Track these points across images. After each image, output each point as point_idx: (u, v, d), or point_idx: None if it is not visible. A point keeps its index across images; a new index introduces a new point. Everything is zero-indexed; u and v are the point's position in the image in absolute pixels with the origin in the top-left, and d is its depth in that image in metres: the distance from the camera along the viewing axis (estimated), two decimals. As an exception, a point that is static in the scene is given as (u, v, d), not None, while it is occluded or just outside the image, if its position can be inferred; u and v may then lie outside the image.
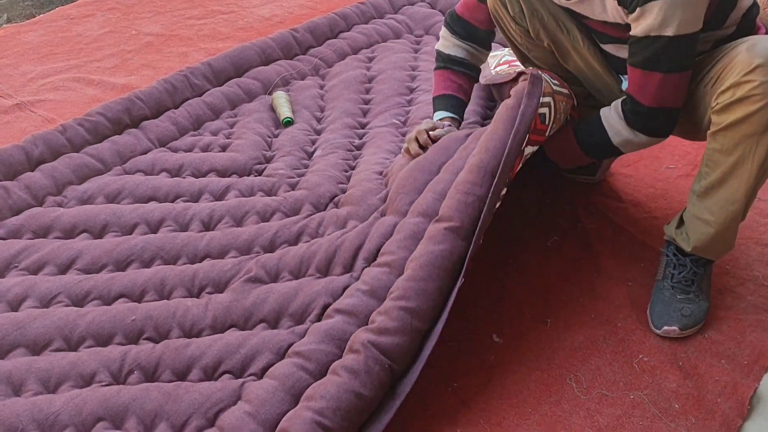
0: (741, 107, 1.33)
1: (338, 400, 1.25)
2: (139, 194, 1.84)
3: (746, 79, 1.31)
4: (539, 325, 1.54)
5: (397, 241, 1.50)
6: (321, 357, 1.34)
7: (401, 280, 1.40)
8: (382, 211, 1.63)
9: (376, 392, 1.29)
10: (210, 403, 1.31)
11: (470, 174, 1.47)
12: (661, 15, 1.32)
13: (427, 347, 1.35)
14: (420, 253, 1.42)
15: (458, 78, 1.76)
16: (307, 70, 2.40)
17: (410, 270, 1.40)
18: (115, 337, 1.46)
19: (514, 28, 1.62)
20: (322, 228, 1.66)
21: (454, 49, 1.76)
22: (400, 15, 2.73)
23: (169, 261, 1.64)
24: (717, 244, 1.49)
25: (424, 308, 1.36)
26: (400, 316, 1.34)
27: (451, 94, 1.75)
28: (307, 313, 1.45)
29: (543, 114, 1.51)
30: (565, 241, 1.74)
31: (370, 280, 1.45)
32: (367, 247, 1.54)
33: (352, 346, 1.33)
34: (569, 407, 1.37)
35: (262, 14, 2.91)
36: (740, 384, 1.40)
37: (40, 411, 1.30)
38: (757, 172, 1.37)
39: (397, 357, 1.32)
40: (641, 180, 1.93)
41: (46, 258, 1.65)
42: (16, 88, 2.41)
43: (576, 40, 1.57)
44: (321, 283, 1.49)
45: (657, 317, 1.51)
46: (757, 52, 1.31)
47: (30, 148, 1.94)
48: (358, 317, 1.40)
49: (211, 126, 2.14)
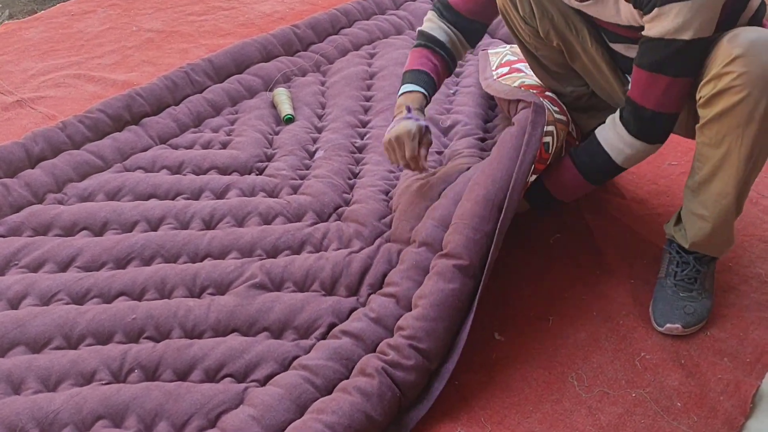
0: (723, 99, 1.31)
1: (350, 419, 1.25)
2: (140, 191, 1.84)
3: (726, 71, 1.29)
4: (541, 322, 1.53)
5: (401, 272, 1.51)
6: (329, 374, 1.35)
7: (411, 318, 1.40)
8: (388, 237, 1.63)
9: (385, 418, 1.30)
10: (212, 405, 1.30)
11: (477, 206, 1.47)
12: (681, 18, 1.28)
13: (435, 388, 1.36)
14: (430, 290, 1.42)
15: (436, 59, 1.68)
16: (308, 66, 2.39)
17: (420, 308, 1.40)
18: (115, 335, 1.45)
19: (524, 28, 1.60)
20: (327, 241, 1.66)
21: (438, 31, 1.70)
22: (401, 11, 2.72)
23: (170, 259, 1.64)
24: (715, 239, 1.48)
25: (434, 349, 1.37)
26: (411, 354, 1.35)
27: (425, 71, 1.66)
28: (312, 329, 1.46)
29: (547, 143, 1.52)
30: (567, 238, 1.74)
31: (377, 308, 1.46)
32: (373, 273, 1.55)
33: (365, 369, 1.33)
34: (571, 405, 1.36)
35: (263, 10, 2.90)
36: (743, 382, 1.39)
37: (40, 409, 1.30)
38: (745, 163, 1.36)
39: (407, 391, 1.34)
40: (644, 177, 1.92)
41: (46, 255, 1.64)
42: (17, 84, 2.41)
43: (585, 40, 1.55)
44: (328, 302, 1.50)
45: (660, 315, 1.50)
46: (738, 42, 1.29)
47: (30, 145, 1.93)
48: (366, 342, 1.41)
49: (212, 123, 2.13)
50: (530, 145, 1.48)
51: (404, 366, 1.34)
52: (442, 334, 1.38)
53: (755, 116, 1.30)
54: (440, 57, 1.69)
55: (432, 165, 1.81)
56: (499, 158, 1.51)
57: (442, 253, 1.47)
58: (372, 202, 1.74)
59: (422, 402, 1.35)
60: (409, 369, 1.34)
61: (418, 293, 1.44)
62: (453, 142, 1.92)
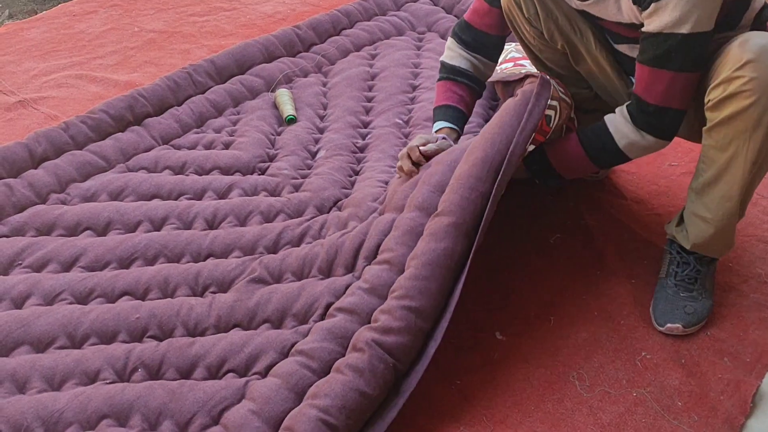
0: (732, 103, 1.32)
1: (343, 399, 1.25)
2: (143, 192, 1.84)
3: (737, 75, 1.30)
4: (543, 322, 1.54)
5: (395, 238, 1.49)
6: (324, 355, 1.34)
7: (403, 278, 1.39)
8: (381, 210, 1.63)
9: (381, 391, 1.29)
10: (214, 402, 1.31)
11: (474, 168, 1.45)
12: (678, 12, 1.30)
13: (431, 347, 1.35)
14: (422, 250, 1.40)
15: (460, 89, 1.71)
16: (309, 67, 2.40)
17: (412, 268, 1.39)
18: (119, 334, 1.46)
19: (528, 30, 1.61)
20: (325, 230, 1.67)
21: (458, 59, 1.72)
22: (402, 12, 2.72)
23: (173, 259, 1.64)
24: (716, 241, 1.49)
25: (427, 307, 1.36)
26: (403, 315, 1.34)
27: (451, 105, 1.69)
28: (310, 312, 1.46)
29: (549, 116, 1.51)
30: (568, 239, 1.74)
31: (371, 278, 1.44)
32: (367, 245, 1.53)
33: (356, 344, 1.33)
34: (572, 405, 1.37)
35: (265, 11, 2.91)
36: (743, 381, 1.40)
37: (45, 408, 1.30)
38: (750, 168, 1.37)
39: (401, 356, 1.32)
40: (644, 177, 1.93)
41: (49, 255, 1.65)
42: (19, 85, 2.42)
43: (589, 42, 1.56)
44: (324, 284, 1.49)
45: (660, 314, 1.51)
46: (749, 47, 1.30)
47: (33, 145, 1.94)
48: (360, 315, 1.40)
49: (214, 123, 2.14)
50: (533, 114, 1.46)
51: (396, 329, 1.32)
52: (435, 292, 1.36)
53: (763, 121, 1.31)
54: (463, 85, 1.71)
55: None
56: (500, 124, 1.48)
57: (435, 213, 1.45)
58: (368, 188, 1.75)
59: (418, 365, 1.34)
60: (401, 331, 1.32)
61: (411, 255, 1.42)
62: None
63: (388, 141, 1.99)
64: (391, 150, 1.95)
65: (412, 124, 2.06)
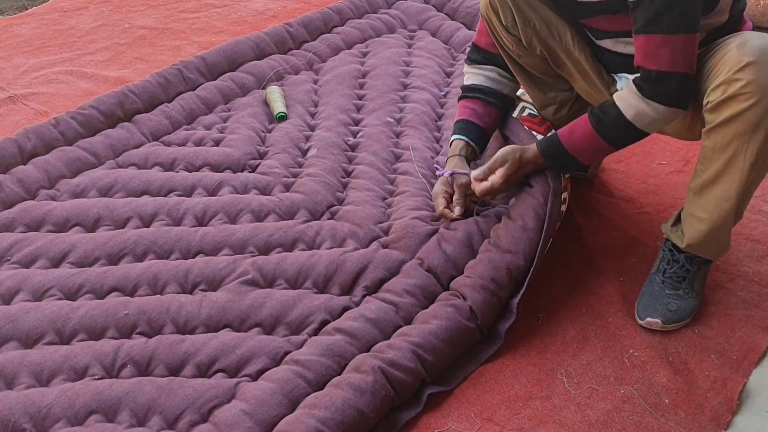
0: (731, 105, 1.33)
1: (342, 414, 1.27)
2: (132, 188, 1.84)
3: (736, 77, 1.31)
4: (531, 320, 1.54)
5: (406, 285, 1.52)
6: (320, 369, 1.36)
7: (424, 331, 1.42)
8: (385, 242, 1.63)
9: (377, 415, 1.31)
10: (204, 399, 1.31)
11: (497, 273, 1.51)
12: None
13: (424, 393, 1.38)
14: (447, 315, 1.45)
15: (471, 103, 1.74)
16: (300, 64, 2.40)
17: (434, 327, 1.43)
18: (107, 330, 1.46)
19: (506, 37, 1.62)
20: (319, 238, 1.66)
21: (471, 78, 1.76)
22: (393, 10, 2.72)
23: (162, 255, 1.64)
24: (710, 242, 1.49)
25: (437, 367, 1.41)
26: (414, 359, 1.37)
27: (461, 119, 1.74)
28: (304, 325, 1.46)
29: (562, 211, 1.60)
30: (557, 237, 1.74)
31: (377, 311, 1.47)
32: (370, 276, 1.55)
33: (360, 367, 1.35)
34: (560, 402, 1.38)
35: (256, 8, 2.90)
36: (730, 379, 1.41)
37: (33, 404, 1.30)
38: (749, 170, 1.37)
39: (401, 391, 1.35)
40: (633, 176, 1.94)
41: (38, 251, 1.64)
42: (9, 81, 2.41)
43: (569, 45, 1.56)
44: (320, 299, 1.50)
45: (642, 308, 1.52)
46: (748, 49, 1.31)
47: (23, 141, 1.93)
48: (360, 341, 1.42)
49: (205, 120, 2.14)
50: (552, 216, 1.57)
51: (404, 368, 1.35)
52: (447, 356, 1.42)
53: (763, 123, 1.32)
54: (477, 100, 1.75)
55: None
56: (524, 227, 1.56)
57: (453, 292, 1.51)
58: (368, 207, 1.75)
59: (412, 405, 1.36)
60: (409, 372, 1.36)
61: (429, 311, 1.47)
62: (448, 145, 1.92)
63: (380, 141, 1.99)
64: (383, 152, 1.95)
65: (404, 124, 2.07)
